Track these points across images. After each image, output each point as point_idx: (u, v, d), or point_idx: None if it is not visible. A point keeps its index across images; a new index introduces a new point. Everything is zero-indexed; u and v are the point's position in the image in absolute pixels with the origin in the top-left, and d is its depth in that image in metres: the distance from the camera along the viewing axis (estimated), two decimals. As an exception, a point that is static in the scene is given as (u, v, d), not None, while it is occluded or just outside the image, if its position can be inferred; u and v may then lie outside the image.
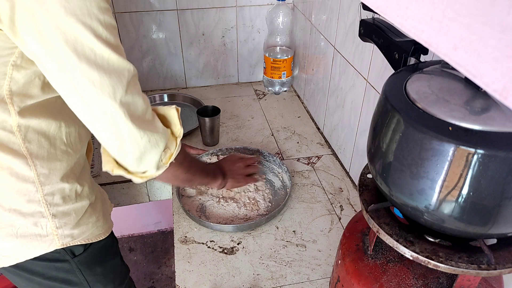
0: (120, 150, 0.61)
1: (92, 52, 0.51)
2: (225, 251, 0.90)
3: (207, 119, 1.16)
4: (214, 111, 1.20)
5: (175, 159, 0.68)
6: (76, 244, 0.75)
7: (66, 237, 0.73)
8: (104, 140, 0.60)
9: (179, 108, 0.69)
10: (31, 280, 0.76)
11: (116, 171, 0.65)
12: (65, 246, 0.74)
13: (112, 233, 0.85)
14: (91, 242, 0.78)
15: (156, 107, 0.68)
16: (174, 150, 0.67)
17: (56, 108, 0.66)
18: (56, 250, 0.73)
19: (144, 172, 0.66)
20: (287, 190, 1.03)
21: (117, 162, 0.64)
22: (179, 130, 0.68)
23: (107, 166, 0.65)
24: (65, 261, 0.76)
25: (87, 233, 0.76)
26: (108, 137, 0.59)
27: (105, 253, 0.83)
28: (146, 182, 1.10)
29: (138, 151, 0.61)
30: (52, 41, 0.50)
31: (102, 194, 0.85)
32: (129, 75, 0.56)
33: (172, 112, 0.68)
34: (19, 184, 0.65)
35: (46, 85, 0.62)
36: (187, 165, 0.76)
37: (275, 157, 1.12)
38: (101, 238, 0.80)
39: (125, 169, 0.65)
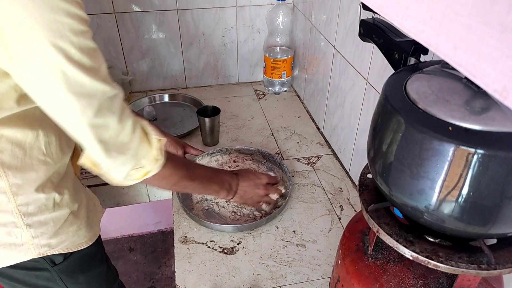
0: (95, 156, 0.61)
1: (62, 74, 0.51)
2: (225, 251, 0.90)
3: (207, 119, 1.16)
4: (214, 111, 1.19)
5: (165, 166, 0.67)
6: (55, 253, 0.73)
7: (43, 247, 0.71)
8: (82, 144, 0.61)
9: (164, 140, 0.67)
10: (14, 286, 0.75)
11: (92, 170, 0.65)
12: (42, 256, 0.72)
13: (97, 240, 0.82)
14: (71, 251, 0.76)
15: (145, 125, 0.65)
16: (153, 170, 0.65)
17: (34, 117, 0.64)
18: (34, 259, 0.71)
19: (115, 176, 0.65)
20: (287, 190, 1.03)
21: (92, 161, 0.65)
22: (161, 158, 0.66)
23: (83, 161, 0.65)
24: (44, 270, 0.74)
25: (67, 242, 0.74)
26: (85, 146, 0.60)
27: (88, 262, 0.81)
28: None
29: (104, 166, 0.61)
30: (23, 61, 0.50)
31: (90, 200, 0.82)
32: (103, 98, 0.55)
33: (154, 141, 0.66)
34: None
35: (22, 98, 0.60)
36: (176, 178, 0.74)
37: (275, 157, 1.11)
38: (83, 247, 0.77)
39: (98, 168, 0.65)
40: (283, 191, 1.00)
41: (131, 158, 0.62)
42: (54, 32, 0.49)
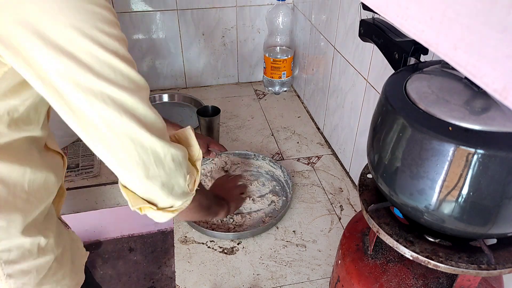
0: (147, 177, 0.53)
1: (111, 70, 0.47)
2: (225, 251, 0.90)
3: (206, 119, 1.16)
4: (214, 111, 1.19)
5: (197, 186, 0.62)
6: None
7: None
8: (129, 168, 0.52)
9: (193, 128, 0.63)
10: None
11: (146, 210, 0.58)
12: None
13: (85, 283, 0.74)
14: None
15: (171, 132, 0.61)
16: (196, 175, 0.60)
17: (22, 152, 0.57)
18: None
19: (170, 207, 0.59)
20: (288, 195, 1.03)
21: (143, 199, 0.57)
22: (197, 152, 0.62)
23: (136, 205, 0.57)
24: None
25: None
26: (133, 163, 0.52)
27: None
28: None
29: (164, 173, 0.54)
30: (67, 58, 0.44)
31: (74, 243, 0.73)
32: (148, 92, 0.52)
33: (188, 132, 0.62)
34: None
35: (13, 122, 0.54)
36: (205, 196, 0.70)
37: (273, 161, 1.11)
38: None
39: (153, 204, 0.58)
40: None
41: (184, 154, 0.57)
42: (78, 22, 0.44)
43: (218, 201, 0.85)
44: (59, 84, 0.46)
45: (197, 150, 0.62)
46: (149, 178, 0.53)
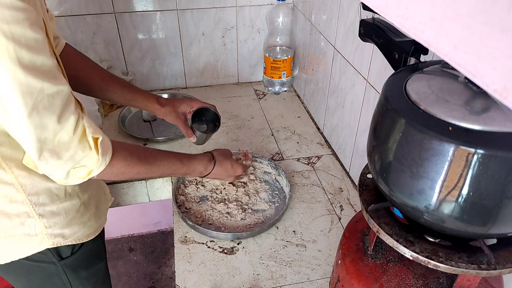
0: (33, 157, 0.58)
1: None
2: (225, 251, 0.90)
3: (197, 133, 0.97)
4: (214, 120, 1.01)
5: (117, 158, 0.64)
6: (67, 244, 0.73)
7: (56, 237, 0.71)
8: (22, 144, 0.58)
9: (99, 138, 0.62)
10: (16, 279, 0.76)
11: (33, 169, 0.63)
12: (56, 246, 0.72)
13: (102, 236, 0.82)
14: (81, 242, 0.76)
15: (87, 124, 0.60)
16: (94, 169, 0.62)
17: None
18: (43, 251, 0.71)
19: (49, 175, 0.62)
20: (286, 195, 1.03)
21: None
22: (99, 160, 0.62)
23: (26, 161, 0.63)
24: (51, 263, 0.75)
25: (79, 233, 0.75)
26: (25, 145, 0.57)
27: (92, 257, 0.82)
28: (146, 182, 1.11)
29: (40, 168, 0.59)
30: None
31: (100, 189, 0.82)
32: (40, 95, 0.52)
33: (91, 142, 0.62)
34: None
35: None
36: (131, 175, 0.70)
37: (272, 162, 1.10)
38: (92, 238, 0.78)
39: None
40: (245, 180, 1.06)
41: (67, 161, 0.59)
42: None
43: (188, 170, 0.83)
44: None
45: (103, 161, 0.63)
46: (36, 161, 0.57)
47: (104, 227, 0.85)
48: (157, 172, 0.77)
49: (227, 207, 0.99)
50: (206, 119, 1.02)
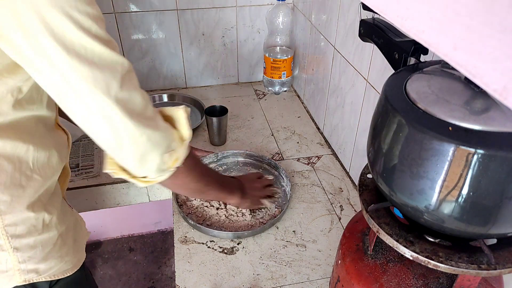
0: (119, 151, 0.57)
1: (82, 47, 0.48)
2: (225, 251, 0.90)
3: (214, 119, 1.16)
4: (221, 111, 1.20)
5: (183, 164, 0.63)
6: (41, 280, 0.67)
7: (29, 272, 0.65)
8: (102, 142, 0.56)
9: (189, 109, 0.65)
10: None
11: (118, 174, 0.61)
12: (27, 283, 0.66)
13: (83, 266, 0.76)
14: (57, 279, 0.70)
15: (162, 108, 0.64)
16: (181, 153, 0.62)
17: (26, 130, 0.60)
18: (17, 286, 0.66)
19: (145, 177, 0.62)
20: (287, 195, 1.03)
21: (119, 165, 0.61)
22: (187, 133, 0.63)
23: (109, 168, 0.61)
24: None
25: (55, 269, 0.69)
26: (105, 138, 0.55)
27: None
28: (146, 182, 1.11)
29: (137, 151, 0.56)
30: (39, 36, 0.46)
31: (77, 222, 0.77)
32: (123, 70, 0.52)
33: (179, 113, 0.63)
34: None
35: (18, 103, 0.57)
36: (199, 173, 0.71)
37: (267, 159, 1.10)
38: (69, 274, 0.72)
39: (128, 173, 0.61)
40: (278, 192, 1.04)
41: (163, 136, 0.58)
42: (68, 1, 0.46)
43: (228, 186, 0.86)
44: (35, 60, 0.48)
45: (186, 131, 0.63)
46: (121, 151, 0.56)
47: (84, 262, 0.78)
48: (210, 182, 0.78)
49: (227, 208, 0.99)
50: (216, 114, 1.19)
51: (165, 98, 1.45)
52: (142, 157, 0.58)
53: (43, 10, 0.45)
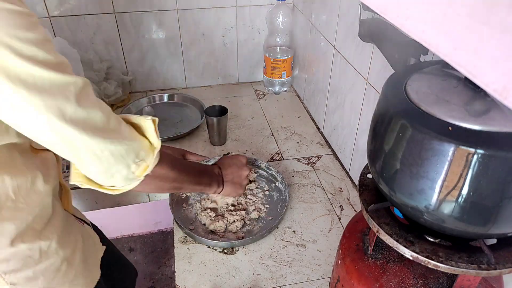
0: (83, 166, 0.56)
1: (29, 75, 0.46)
2: (225, 251, 0.90)
3: (214, 119, 1.16)
4: (221, 111, 1.20)
5: (155, 170, 0.62)
6: None
7: None
8: (68, 159, 0.55)
9: (156, 119, 0.63)
10: None
11: (85, 185, 0.60)
12: None
13: (99, 281, 0.72)
14: None
15: (129, 116, 0.63)
16: (151, 162, 0.61)
17: (4, 163, 0.57)
18: None
19: (112, 186, 0.60)
20: (285, 200, 1.01)
21: (86, 176, 0.59)
22: (156, 142, 0.62)
23: (75, 180, 0.59)
24: None
25: None
26: (67, 157, 0.55)
27: None
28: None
29: (101, 166, 0.56)
30: None
31: (87, 240, 0.73)
32: (77, 89, 0.50)
33: (147, 123, 0.62)
34: None
35: None
36: (173, 175, 0.69)
37: (268, 165, 1.09)
38: None
39: (95, 183, 0.60)
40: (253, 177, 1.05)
41: (128, 148, 0.57)
42: (3, 32, 0.44)
43: (204, 179, 0.82)
44: None
45: (155, 140, 0.62)
46: (85, 168, 0.56)
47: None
48: (190, 173, 0.76)
49: (226, 211, 0.98)
50: (216, 114, 1.20)
51: (165, 98, 1.45)
52: (107, 170, 0.57)
53: None
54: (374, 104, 0.54)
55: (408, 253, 0.49)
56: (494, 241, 0.50)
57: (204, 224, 0.95)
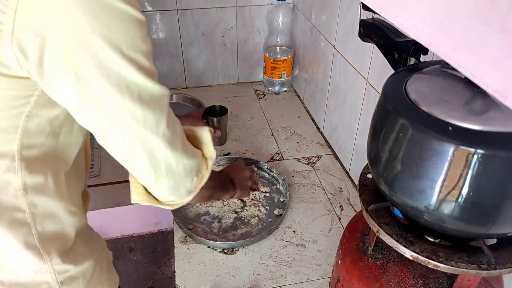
0: (155, 182, 0.56)
1: (135, 86, 0.47)
2: (225, 251, 0.90)
3: (214, 119, 1.16)
4: (222, 111, 1.20)
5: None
6: None
7: None
8: (139, 175, 0.56)
9: (212, 130, 0.66)
10: None
11: (145, 202, 0.61)
12: None
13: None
14: None
15: (187, 128, 0.63)
16: (206, 174, 0.62)
17: (54, 156, 0.58)
18: None
19: (173, 201, 0.62)
20: (286, 202, 1.00)
21: (146, 191, 0.60)
22: (211, 153, 0.64)
23: (137, 198, 0.60)
24: None
25: None
26: (144, 172, 0.54)
27: None
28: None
29: (173, 180, 0.56)
30: (92, 80, 0.45)
31: (102, 242, 0.76)
32: (168, 101, 0.52)
33: (205, 134, 0.64)
34: (22, 253, 0.56)
35: (52, 132, 0.54)
36: (211, 183, 0.70)
37: (273, 170, 1.09)
38: None
39: (155, 199, 0.61)
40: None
41: (196, 163, 0.59)
42: (127, 42, 0.45)
43: (225, 185, 0.86)
44: (80, 102, 0.47)
45: (211, 151, 0.64)
46: (157, 183, 0.56)
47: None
48: (215, 186, 0.77)
49: (226, 214, 0.98)
50: (216, 114, 1.20)
51: (165, 98, 1.45)
52: (176, 185, 0.58)
53: (100, 54, 0.43)
54: (374, 104, 0.54)
55: (408, 253, 0.49)
56: (494, 241, 0.50)
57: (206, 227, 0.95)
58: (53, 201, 0.57)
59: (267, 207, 1.00)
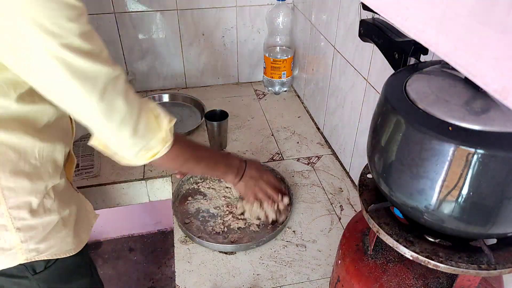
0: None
1: (62, 61, 0.53)
2: (225, 251, 0.90)
3: (215, 124, 1.14)
4: (222, 115, 1.17)
5: (164, 155, 0.69)
6: (43, 259, 0.72)
7: (31, 252, 0.70)
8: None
9: (174, 120, 0.70)
10: None
11: (100, 148, 0.68)
12: (29, 261, 0.70)
13: (85, 251, 0.80)
14: (57, 258, 0.74)
15: (155, 109, 0.68)
16: (161, 151, 0.68)
17: (31, 123, 0.65)
18: (16, 266, 0.70)
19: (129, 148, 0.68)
20: (288, 208, 0.98)
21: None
22: (168, 140, 0.69)
23: (94, 142, 0.68)
24: (24, 278, 0.73)
25: (55, 248, 0.73)
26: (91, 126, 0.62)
27: (70, 273, 0.79)
28: (146, 182, 1.11)
29: (114, 147, 0.66)
30: (20, 53, 0.52)
31: (82, 205, 0.82)
32: (107, 79, 0.57)
33: (165, 124, 0.68)
34: None
35: (20, 97, 0.61)
36: (181, 161, 0.76)
37: (273, 170, 1.07)
38: (70, 255, 0.76)
39: (109, 149, 0.68)
40: (286, 202, 0.95)
41: (140, 140, 0.64)
42: (51, 20, 0.50)
43: (223, 163, 0.86)
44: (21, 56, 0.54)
45: (166, 134, 0.68)
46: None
47: (87, 243, 0.82)
48: (202, 160, 0.81)
49: (226, 215, 0.98)
50: (216, 118, 1.18)
51: (165, 98, 1.45)
52: (119, 150, 0.66)
53: (23, 31, 0.50)
54: (374, 104, 0.54)
55: (408, 253, 0.49)
56: (494, 241, 0.50)
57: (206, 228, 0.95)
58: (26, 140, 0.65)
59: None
